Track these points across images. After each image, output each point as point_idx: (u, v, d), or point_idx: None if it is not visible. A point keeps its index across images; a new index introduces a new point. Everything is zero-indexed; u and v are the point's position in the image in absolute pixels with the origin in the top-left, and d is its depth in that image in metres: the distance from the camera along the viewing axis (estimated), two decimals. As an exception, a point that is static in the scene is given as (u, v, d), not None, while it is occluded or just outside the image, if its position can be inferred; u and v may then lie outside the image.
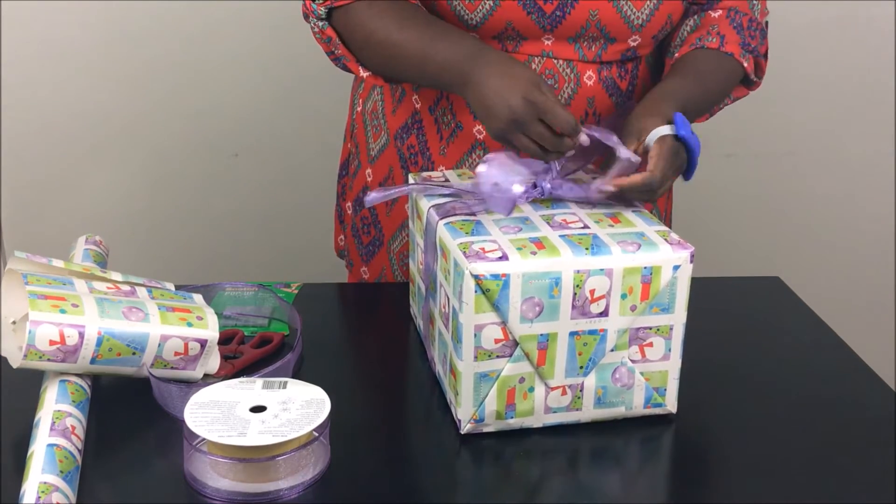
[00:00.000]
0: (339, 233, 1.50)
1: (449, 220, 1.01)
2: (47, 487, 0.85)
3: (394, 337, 1.24)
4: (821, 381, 1.13)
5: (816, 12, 2.10)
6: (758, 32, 1.28)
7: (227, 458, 0.89)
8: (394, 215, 1.35)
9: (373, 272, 1.41)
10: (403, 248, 1.35)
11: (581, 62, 1.22)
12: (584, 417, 1.01)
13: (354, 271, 1.45)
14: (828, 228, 2.28)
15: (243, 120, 2.09)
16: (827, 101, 2.18)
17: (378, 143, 1.35)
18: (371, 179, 1.38)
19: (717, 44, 1.23)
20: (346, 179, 1.46)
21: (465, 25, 1.18)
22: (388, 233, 1.37)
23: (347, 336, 1.25)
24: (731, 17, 1.27)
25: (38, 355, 0.96)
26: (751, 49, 1.26)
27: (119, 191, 2.13)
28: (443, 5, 1.18)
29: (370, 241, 1.40)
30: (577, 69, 1.22)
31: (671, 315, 0.98)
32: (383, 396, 1.09)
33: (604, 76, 1.23)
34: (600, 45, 1.21)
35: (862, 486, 0.94)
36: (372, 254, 1.40)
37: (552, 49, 1.20)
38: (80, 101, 2.05)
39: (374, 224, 1.39)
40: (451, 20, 1.18)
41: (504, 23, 1.18)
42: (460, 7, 1.17)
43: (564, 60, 1.21)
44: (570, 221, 1.01)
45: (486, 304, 0.93)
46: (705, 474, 0.97)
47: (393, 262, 1.37)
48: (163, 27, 2.01)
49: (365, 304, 1.33)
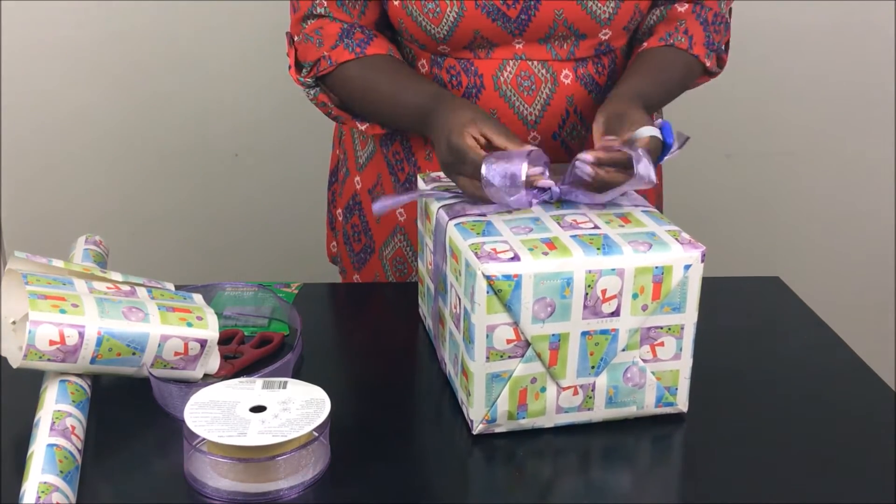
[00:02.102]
0: (332, 240, 1.51)
1: (459, 221, 1.01)
2: (47, 487, 0.85)
3: (395, 337, 1.23)
4: (821, 381, 1.13)
5: (816, 13, 2.10)
6: (722, 26, 1.30)
7: (227, 458, 0.89)
8: (384, 222, 1.35)
9: (365, 279, 1.41)
10: (396, 253, 1.35)
11: (556, 61, 1.22)
12: (596, 417, 1.01)
13: (347, 278, 1.45)
14: (828, 228, 2.28)
15: (243, 120, 2.09)
16: (827, 102, 2.18)
17: (365, 150, 1.36)
18: (360, 187, 1.38)
19: (685, 44, 1.26)
20: (336, 186, 1.47)
21: (433, 40, 1.20)
22: (380, 239, 1.37)
23: (348, 336, 1.25)
24: (697, 12, 1.28)
25: (38, 355, 0.96)
26: (714, 47, 1.29)
27: (119, 191, 2.13)
28: (409, 23, 1.20)
29: (361, 249, 1.40)
30: (553, 69, 1.22)
31: (682, 314, 0.98)
32: (385, 396, 1.09)
33: (580, 73, 1.24)
34: (572, 42, 1.22)
35: (862, 486, 0.94)
36: (364, 261, 1.40)
37: (524, 52, 1.21)
38: (80, 101, 2.05)
39: (364, 232, 1.39)
40: (420, 37, 1.21)
41: (472, 32, 1.19)
42: (426, 22, 1.19)
43: (539, 62, 1.22)
44: (580, 222, 1.01)
45: (499, 304, 0.93)
46: (715, 473, 0.97)
47: (386, 268, 1.37)
48: (163, 27, 2.01)
49: (365, 304, 1.33)
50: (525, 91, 1.22)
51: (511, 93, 1.22)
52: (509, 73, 1.21)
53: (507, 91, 1.22)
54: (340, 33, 1.22)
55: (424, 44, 1.22)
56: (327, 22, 1.23)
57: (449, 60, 1.23)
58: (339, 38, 1.21)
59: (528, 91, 1.22)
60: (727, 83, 2.13)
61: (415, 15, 1.19)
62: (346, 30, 1.22)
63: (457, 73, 1.23)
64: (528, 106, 1.23)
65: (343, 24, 1.22)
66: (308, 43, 1.23)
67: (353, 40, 1.21)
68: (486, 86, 1.22)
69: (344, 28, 1.22)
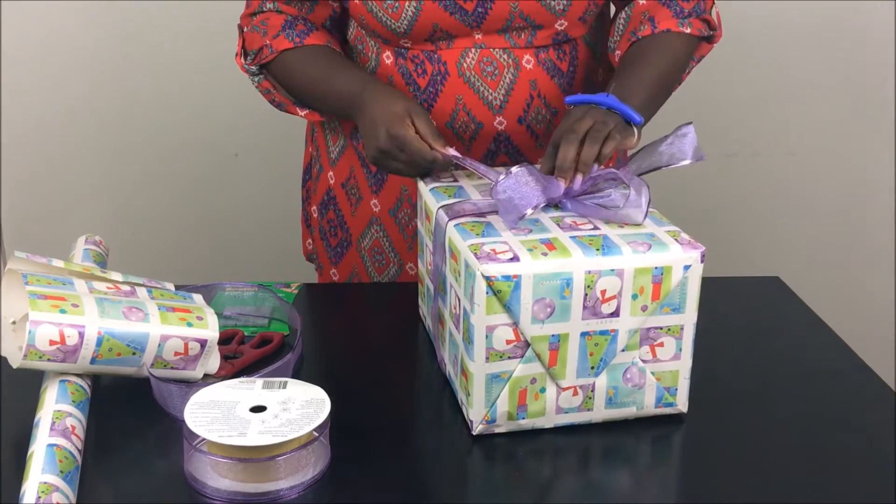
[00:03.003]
0: (307, 237, 1.51)
1: (458, 222, 1.02)
2: (47, 487, 0.85)
3: (395, 337, 1.24)
4: (821, 381, 1.13)
5: (817, 12, 2.10)
6: None
7: (227, 458, 0.89)
8: (359, 215, 1.37)
9: (343, 273, 1.42)
10: (374, 244, 1.36)
11: (515, 49, 1.24)
12: (596, 418, 1.01)
13: (324, 274, 1.45)
14: (828, 228, 2.28)
15: (243, 120, 2.09)
16: (827, 102, 2.18)
17: (337, 145, 1.38)
18: (333, 181, 1.39)
19: (649, 29, 1.24)
20: (310, 183, 1.48)
21: (394, 34, 1.23)
22: (356, 232, 1.38)
23: (348, 336, 1.25)
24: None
25: (38, 355, 0.96)
26: (687, 14, 1.26)
27: (119, 191, 2.13)
28: (370, 19, 1.23)
29: (338, 243, 1.41)
30: (515, 55, 1.24)
31: (682, 315, 0.98)
32: (385, 396, 1.09)
33: (542, 58, 1.25)
34: (529, 32, 1.24)
35: (862, 486, 0.94)
36: (341, 255, 1.41)
37: (484, 41, 1.24)
38: (80, 101, 2.05)
39: (340, 226, 1.40)
40: (382, 31, 1.24)
41: (431, 25, 1.21)
42: (385, 18, 1.22)
43: (500, 49, 1.24)
44: (579, 223, 1.01)
45: (498, 305, 0.93)
46: (715, 473, 0.97)
47: (365, 259, 1.38)
48: (163, 27, 2.01)
49: (365, 305, 1.33)
50: (489, 76, 1.24)
51: (475, 78, 1.24)
52: (472, 59, 1.24)
53: (471, 77, 1.24)
54: (284, 24, 1.28)
55: (386, 38, 1.25)
56: (273, 14, 1.30)
57: (412, 51, 1.25)
58: (281, 28, 1.28)
59: (492, 76, 1.24)
60: (727, 83, 2.14)
61: (375, 11, 1.22)
62: (290, 21, 1.29)
63: (421, 62, 1.25)
64: (492, 91, 1.24)
65: (287, 16, 1.29)
66: (254, 33, 1.30)
67: (294, 31, 1.28)
68: (451, 73, 1.24)
69: (287, 20, 1.29)
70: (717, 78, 1.31)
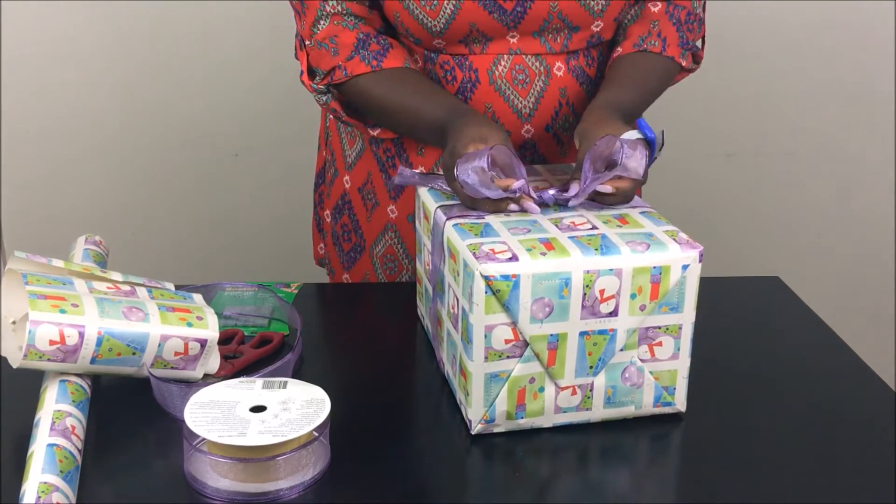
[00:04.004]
0: (319, 242, 1.51)
1: (457, 221, 1.02)
2: (47, 487, 0.85)
3: (396, 337, 1.24)
4: (820, 380, 1.13)
5: (817, 12, 2.10)
6: (695, 24, 1.31)
7: (227, 458, 0.90)
8: (375, 220, 1.36)
9: (355, 278, 1.42)
10: (387, 251, 1.36)
11: (549, 55, 1.24)
12: (594, 417, 1.01)
13: (336, 278, 1.45)
14: (828, 228, 2.28)
15: (243, 120, 2.09)
16: (827, 101, 2.18)
17: (354, 149, 1.36)
18: (349, 186, 1.38)
19: (658, 48, 1.27)
20: (323, 188, 1.47)
21: (429, 33, 1.20)
22: (370, 238, 1.37)
23: (347, 336, 1.25)
24: (670, 12, 1.29)
25: (38, 355, 0.96)
26: (689, 46, 1.30)
27: (119, 191, 2.13)
28: (405, 16, 1.20)
29: (351, 248, 1.40)
30: (547, 62, 1.24)
31: (680, 314, 0.98)
32: (385, 396, 1.09)
33: (572, 66, 1.25)
34: (565, 35, 1.23)
35: (862, 486, 0.94)
36: (354, 260, 1.41)
37: (519, 46, 1.22)
38: (79, 101, 2.05)
39: (354, 231, 1.39)
40: (416, 30, 1.21)
41: (468, 25, 1.20)
42: (423, 16, 1.19)
43: (533, 55, 1.23)
44: (578, 224, 1.01)
45: (497, 304, 0.93)
46: (714, 473, 0.97)
47: (376, 266, 1.38)
48: (163, 27, 2.01)
49: (365, 305, 1.33)
50: (519, 84, 1.23)
51: (506, 86, 1.23)
52: (504, 66, 1.23)
53: (501, 85, 1.23)
54: (356, 44, 1.21)
55: (420, 38, 1.22)
56: (341, 30, 1.22)
57: (442, 56, 1.23)
58: (354, 48, 1.21)
59: (523, 84, 1.23)
60: (727, 83, 2.14)
61: (412, 8, 1.19)
62: (362, 40, 1.21)
63: (451, 69, 1.23)
64: (522, 99, 1.24)
65: (359, 33, 1.22)
66: (322, 50, 1.22)
67: (369, 52, 1.21)
68: (482, 80, 1.23)
69: (360, 38, 1.21)
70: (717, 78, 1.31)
